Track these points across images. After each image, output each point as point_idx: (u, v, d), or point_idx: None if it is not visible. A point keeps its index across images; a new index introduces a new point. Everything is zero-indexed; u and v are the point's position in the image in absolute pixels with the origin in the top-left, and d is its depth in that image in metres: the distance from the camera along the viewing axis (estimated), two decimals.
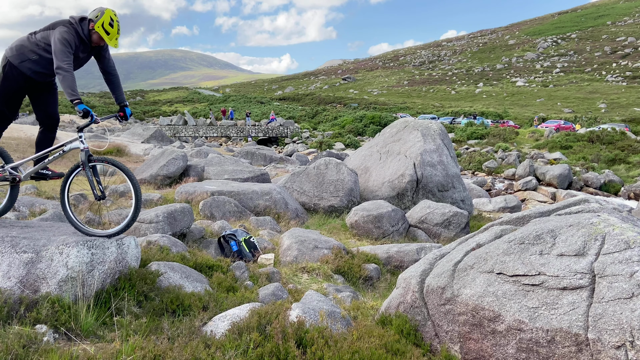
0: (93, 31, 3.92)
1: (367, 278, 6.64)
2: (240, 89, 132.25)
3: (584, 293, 3.11)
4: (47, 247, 3.66)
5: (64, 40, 3.73)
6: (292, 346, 3.12)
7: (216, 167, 12.71)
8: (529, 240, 3.64)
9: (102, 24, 3.85)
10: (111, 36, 3.92)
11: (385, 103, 72.79)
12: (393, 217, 9.43)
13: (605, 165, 24.24)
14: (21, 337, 2.88)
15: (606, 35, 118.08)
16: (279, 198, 9.93)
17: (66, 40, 3.74)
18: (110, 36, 3.91)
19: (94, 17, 3.86)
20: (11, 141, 18.92)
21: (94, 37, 3.94)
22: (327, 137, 41.04)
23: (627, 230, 3.32)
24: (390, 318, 4.05)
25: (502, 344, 3.37)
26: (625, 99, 68.18)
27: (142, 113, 63.83)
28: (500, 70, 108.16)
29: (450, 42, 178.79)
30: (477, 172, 25.43)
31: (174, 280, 4.35)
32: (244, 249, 6.48)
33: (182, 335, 3.23)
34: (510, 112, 60.97)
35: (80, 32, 3.88)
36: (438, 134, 12.91)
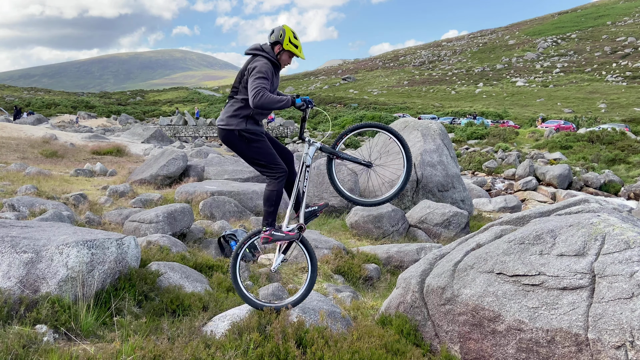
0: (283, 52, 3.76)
1: (367, 278, 6.64)
2: None
3: (584, 293, 3.11)
4: (47, 247, 3.66)
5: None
6: (292, 346, 3.12)
7: (216, 167, 12.71)
8: (529, 240, 3.64)
9: (289, 40, 3.72)
10: (299, 49, 3.81)
11: (385, 103, 72.79)
12: (393, 217, 9.43)
13: (605, 165, 24.23)
14: (21, 337, 2.88)
15: (606, 35, 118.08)
16: None
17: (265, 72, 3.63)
18: (299, 49, 3.79)
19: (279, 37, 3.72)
20: (11, 141, 18.91)
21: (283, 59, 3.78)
22: (327, 137, 41.04)
23: (627, 230, 3.32)
24: (390, 318, 4.04)
25: (502, 344, 3.36)
26: (625, 99, 68.17)
27: (142, 113, 63.83)
28: (500, 70, 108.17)
29: (450, 42, 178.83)
30: (477, 172, 25.43)
31: (174, 280, 4.35)
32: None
33: (182, 335, 3.23)
34: (510, 112, 60.95)
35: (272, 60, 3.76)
36: (438, 134, 12.91)
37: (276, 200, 3.68)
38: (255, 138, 3.66)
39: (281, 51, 3.75)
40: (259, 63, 3.60)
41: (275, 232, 3.70)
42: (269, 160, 3.67)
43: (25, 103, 59.24)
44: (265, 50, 3.72)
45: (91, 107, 62.80)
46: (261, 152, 3.67)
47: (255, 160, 3.70)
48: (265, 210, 3.71)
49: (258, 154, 3.67)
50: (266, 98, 3.45)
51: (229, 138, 3.70)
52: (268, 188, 3.67)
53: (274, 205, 3.70)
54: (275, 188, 3.67)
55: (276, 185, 3.67)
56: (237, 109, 3.67)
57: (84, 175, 13.04)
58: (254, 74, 3.55)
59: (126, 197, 9.87)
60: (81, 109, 58.58)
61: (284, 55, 3.77)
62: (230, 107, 3.73)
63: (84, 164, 14.92)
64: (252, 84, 3.51)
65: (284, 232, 3.71)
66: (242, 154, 3.74)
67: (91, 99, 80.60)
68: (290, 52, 3.76)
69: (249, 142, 3.66)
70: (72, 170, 13.44)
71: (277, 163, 3.69)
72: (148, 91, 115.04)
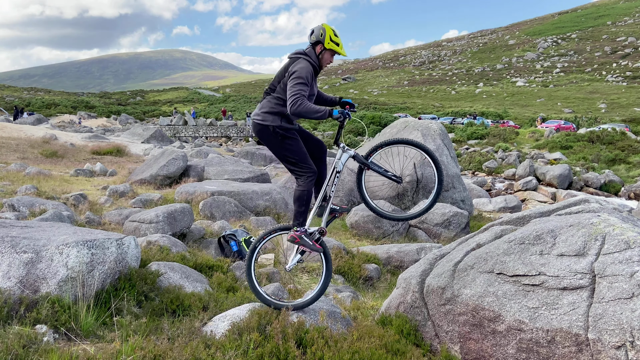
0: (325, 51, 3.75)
1: (367, 278, 6.64)
2: (241, 89, 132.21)
3: (584, 293, 3.11)
4: (47, 247, 3.66)
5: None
6: (292, 346, 3.12)
7: (216, 167, 12.71)
8: (529, 241, 3.64)
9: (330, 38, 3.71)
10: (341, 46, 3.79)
11: (386, 103, 72.79)
12: None
13: (606, 165, 24.23)
14: (21, 337, 2.88)
15: (606, 35, 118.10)
16: (279, 198, 9.93)
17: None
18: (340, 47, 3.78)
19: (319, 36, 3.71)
20: (11, 141, 18.92)
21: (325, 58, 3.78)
22: (327, 138, 41.04)
23: (627, 230, 3.32)
24: (391, 318, 4.04)
25: (503, 344, 3.36)
26: (625, 99, 68.18)
27: (142, 113, 63.84)
28: (501, 71, 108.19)
29: (451, 42, 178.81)
30: (477, 172, 25.43)
31: (174, 281, 4.35)
32: (244, 249, 6.48)
33: (182, 336, 3.23)
34: (510, 112, 60.97)
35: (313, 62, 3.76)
36: (438, 134, 12.91)
37: (307, 200, 3.72)
38: (288, 135, 3.70)
39: (323, 50, 3.75)
40: (299, 66, 3.62)
41: (305, 237, 3.74)
42: (299, 159, 3.71)
43: (25, 103, 59.25)
44: (308, 54, 3.74)
45: (91, 107, 62.83)
46: (293, 150, 3.71)
47: (287, 158, 3.74)
48: (296, 209, 3.74)
49: (290, 151, 3.71)
50: (304, 107, 3.49)
51: (263, 133, 3.75)
52: (298, 188, 3.71)
53: (305, 205, 3.73)
54: (306, 188, 3.70)
55: (306, 184, 3.70)
56: (273, 106, 3.71)
57: (84, 175, 13.04)
58: (294, 78, 3.57)
59: (126, 197, 9.87)
60: (81, 109, 58.59)
61: (325, 55, 3.78)
62: (267, 102, 3.76)
63: (84, 164, 14.92)
64: (291, 88, 3.54)
65: (312, 242, 3.75)
66: (274, 150, 3.79)
67: (91, 99, 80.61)
68: (332, 51, 3.77)
69: (283, 139, 3.70)
70: (72, 170, 13.44)
71: (308, 163, 3.73)
72: (148, 91, 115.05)
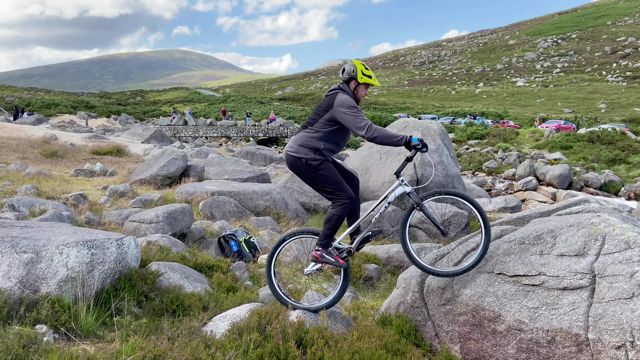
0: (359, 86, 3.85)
1: (367, 278, 6.64)
2: (241, 89, 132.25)
3: (584, 293, 3.11)
4: (47, 247, 3.66)
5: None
6: (292, 346, 3.11)
7: (216, 167, 12.71)
8: (529, 241, 3.64)
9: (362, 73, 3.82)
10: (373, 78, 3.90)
11: (385, 103, 72.80)
12: (393, 217, 9.42)
13: (606, 165, 24.23)
14: (21, 337, 2.88)
15: (606, 35, 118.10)
16: (279, 198, 9.93)
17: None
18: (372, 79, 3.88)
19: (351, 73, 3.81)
20: (11, 141, 18.92)
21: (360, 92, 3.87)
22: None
23: (627, 230, 3.32)
24: (391, 318, 4.04)
25: (503, 344, 3.36)
26: (625, 99, 68.18)
27: (142, 113, 63.83)
28: (501, 71, 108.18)
29: (451, 42, 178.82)
30: (477, 172, 25.42)
31: (174, 281, 4.35)
32: (244, 249, 6.48)
33: (182, 336, 3.23)
34: (510, 112, 60.96)
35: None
36: (438, 134, 12.91)
37: (336, 224, 3.76)
38: (321, 167, 3.75)
39: (357, 85, 3.85)
40: (343, 98, 3.71)
41: (326, 255, 3.79)
42: (335, 188, 3.76)
43: (26, 103, 59.25)
44: (343, 87, 3.84)
45: (91, 107, 62.81)
46: (327, 180, 3.76)
47: (322, 188, 3.80)
48: (324, 231, 3.80)
49: (324, 182, 3.76)
50: (381, 132, 3.58)
51: (296, 165, 3.82)
52: (332, 211, 3.76)
53: (333, 229, 3.79)
54: (338, 213, 3.74)
55: (340, 210, 3.75)
56: (308, 140, 3.79)
57: (84, 175, 13.04)
58: (348, 107, 3.65)
59: (126, 197, 9.87)
60: (81, 109, 58.57)
61: (360, 89, 3.87)
62: (302, 136, 3.84)
63: (84, 164, 14.92)
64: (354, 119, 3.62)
65: (335, 258, 3.80)
66: (308, 182, 3.87)
67: (91, 99, 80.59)
68: (366, 84, 3.86)
69: (316, 171, 3.75)
70: (72, 170, 13.44)
71: (344, 190, 3.76)
72: (148, 91, 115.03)
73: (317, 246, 3.81)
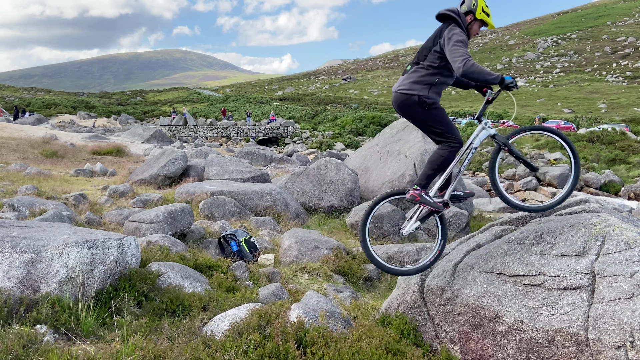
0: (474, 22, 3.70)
1: (367, 278, 6.64)
2: (241, 89, 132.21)
3: (584, 293, 3.11)
4: (47, 247, 3.66)
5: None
6: (292, 346, 3.11)
7: (216, 167, 12.71)
8: (529, 241, 3.64)
9: (482, 9, 3.67)
10: (490, 17, 3.74)
11: (386, 103, 72.76)
12: (393, 217, 9.42)
13: (606, 165, 24.23)
14: (21, 337, 2.88)
15: (606, 35, 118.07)
16: (279, 198, 9.93)
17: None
18: (489, 17, 3.73)
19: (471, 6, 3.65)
20: (11, 141, 18.92)
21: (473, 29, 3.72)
22: (327, 138, 41.04)
23: (627, 230, 3.32)
24: (391, 318, 4.04)
25: (503, 344, 3.36)
26: (625, 99, 68.18)
27: (142, 113, 63.83)
28: (501, 71, 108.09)
29: None
30: (477, 173, 25.41)
31: (174, 281, 4.35)
32: (244, 249, 6.48)
33: (182, 336, 3.23)
34: (510, 112, 60.93)
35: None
36: None
37: (440, 166, 3.64)
38: (435, 105, 3.63)
39: (473, 21, 3.70)
40: (454, 31, 3.55)
41: (425, 196, 3.65)
42: (446, 129, 3.65)
43: (26, 103, 59.25)
44: (461, 18, 3.66)
45: (91, 107, 62.81)
46: (440, 119, 3.65)
47: (433, 128, 3.66)
48: (425, 171, 3.67)
49: (437, 121, 3.64)
50: (476, 67, 3.41)
51: (408, 103, 3.66)
52: (439, 152, 3.65)
53: (436, 170, 3.66)
54: (446, 155, 3.63)
55: (448, 153, 3.64)
56: (422, 76, 3.65)
57: (84, 175, 13.04)
58: (456, 41, 3.49)
59: (126, 197, 9.87)
60: (81, 109, 58.57)
61: (474, 25, 3.72)
62: (414, 73, 3.69)
63: (84, 164, 14.92)
64: (456, 50, 3.45)
65: (433, 200, 3.66)
66: (418, 120, 3.71)
67: (91, 99, 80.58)
68: (481, 22, 3.71)
69: (429, 109, 3.63)
70: (72, 170, 13.44)
71: (454, 134, 3.66)
72: (148, 91, 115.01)
73: (416, 185, 3.67)
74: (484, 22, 3.74)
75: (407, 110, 3.71)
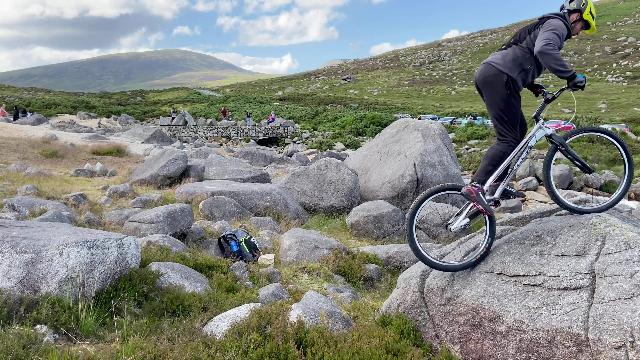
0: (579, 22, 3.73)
1: (368, 278, 6.64)
2: (241, 89, 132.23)
3: (584, 293, 3.11)
4: (47, 247, 3.66)
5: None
6: (292, 346, 3.11)
7: (216, 168, 12.71)
8: (530, 241, 3.64)
9: (590, 11, 3.70)
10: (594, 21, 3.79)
11: (386, 103, 72.78)
12: (393, 217, 9.42)
13: (606, 165, 24.22)
14: (21, 337, 2.88)
15: (606, 35, 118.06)
16: (279, 198, 9.93)
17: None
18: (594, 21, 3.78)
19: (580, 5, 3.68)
20: (11, 141, 18.92)
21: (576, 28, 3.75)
22: (327, 138, 41.05)
23: (627, 230, 3.32)
24: (391, 318, 4.04)
25: (503, 345, 3.36)
26: (625, 99, 68.19)
27: (142, 113, 63.83)
28: None
29: (451, 42, 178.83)
30: None
31: (174, 281, 4.35)
32: (244, 249, 6.47)
33: (182, 336, 3.23)
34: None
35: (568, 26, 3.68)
36: (438, 134, 12.91)
37: (499, 162, 3.66)
38: (517, 93, 3.63)
39: (577, 20, 3.71)
40: (558, 23, 3.56)
41: (481, 195, 3.66)
42: (512, 120, 3.65)
43: (26, 103, 59.25)
44: (565, 17, 3.69)
45: (91, 107, 62.80)
46: (514, 109, 3.65)
47: (502, 113, 3.65)
48: (485, 167, 3.69)
49: (510, 109, 3.64)
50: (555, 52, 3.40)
51: (494, 80, 3.63)
52: (497, 147, 3.67)
53: (494, 166, 3.67)
54: (504, 150, 3.65)
55: (506, 147, 3.66)
56: (518, 57, 3.64)
57: (84, 175, 13.04)
58: (552, 28, 3.51)
59: (126, 198, 9.87)
60: (81, 109, 58.57)
61: (578, 25, 3.74)
62: (513, 51, 3.69)
63: (84, 164, 14.92)
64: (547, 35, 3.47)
65: (486, 201, 3.67)
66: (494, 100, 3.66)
67: (91, 99, 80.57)
68: (585, 23, 3.73)
69: (511, 93, 3.62)
70: (72, 170, 13.43)
71: (516, 129, 3.68)
72: (148, 91, 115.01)
73: (475, 182, 3.67)
74: (587, 25, 3.78)
75: (489, 86, 3.68)
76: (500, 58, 3.69)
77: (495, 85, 3.64)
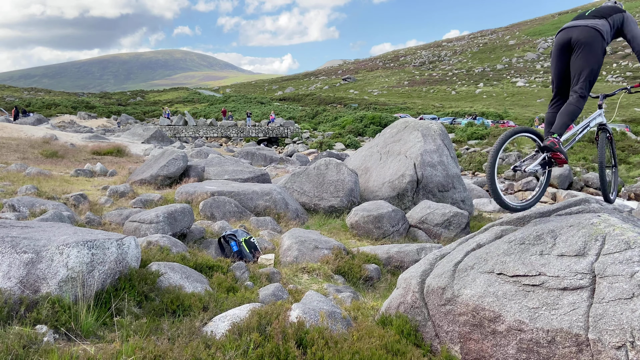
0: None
1: (368, 278, 6.64)
2: (241, 89, 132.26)
3: (584, 293, 3.11)
4: (47, 247, 3.66)
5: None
6: (292, 347, 3.11)
7: (216, 168, 12.71)
8: (530, 241, 3.64)
9: None
10: None
11: (386, 103, 72.78)
12: (393, 217, 9.42)
13: None
14: (21, 338, 2.88)
15: None
16: (279, 198, 9.93)
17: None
18: None
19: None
20: (11, 141, 18.93)
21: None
22: (327, 138, 41.07)
23: (627, 230, 3.32)
24: (391, 318, 4.04)
25: (503, 345, 3.36)
26: (625, 99, 68.18)
27: (142, 113, 63.83)
28: (501, 71, 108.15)
29: (451, 42, 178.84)
30: (477, 173, 25.42)
31: (174, 281, 4.35)
32: (244, 249, 6.48)
33: (182, 336, 3.23)
34: (510, 112, 60.93)
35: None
36: (438, 134, 12.91)
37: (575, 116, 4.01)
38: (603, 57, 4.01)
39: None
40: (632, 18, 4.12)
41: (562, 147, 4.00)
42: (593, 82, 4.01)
43: (26, 103, 59.27)
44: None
45: (91, 108, 62.82)
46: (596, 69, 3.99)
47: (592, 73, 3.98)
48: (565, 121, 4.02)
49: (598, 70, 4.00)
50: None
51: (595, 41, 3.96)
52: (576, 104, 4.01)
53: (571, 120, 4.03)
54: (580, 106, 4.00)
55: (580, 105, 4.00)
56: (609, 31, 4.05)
57: (84, 175, 13.05)
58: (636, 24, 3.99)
59: (126, 198, 9.87)
60: (81, 109, 58.59)
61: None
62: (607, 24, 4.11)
63: (84, 164, 14.93)
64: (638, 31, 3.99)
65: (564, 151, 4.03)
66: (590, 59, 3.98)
67: (91, 99, 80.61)
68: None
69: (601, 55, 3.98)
70: (73, 170, 13.44)
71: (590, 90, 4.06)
72: (148, 91, 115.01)
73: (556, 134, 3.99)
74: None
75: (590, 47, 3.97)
76: (601, 26, 4.01)
77: (596, 48, 3.98)
